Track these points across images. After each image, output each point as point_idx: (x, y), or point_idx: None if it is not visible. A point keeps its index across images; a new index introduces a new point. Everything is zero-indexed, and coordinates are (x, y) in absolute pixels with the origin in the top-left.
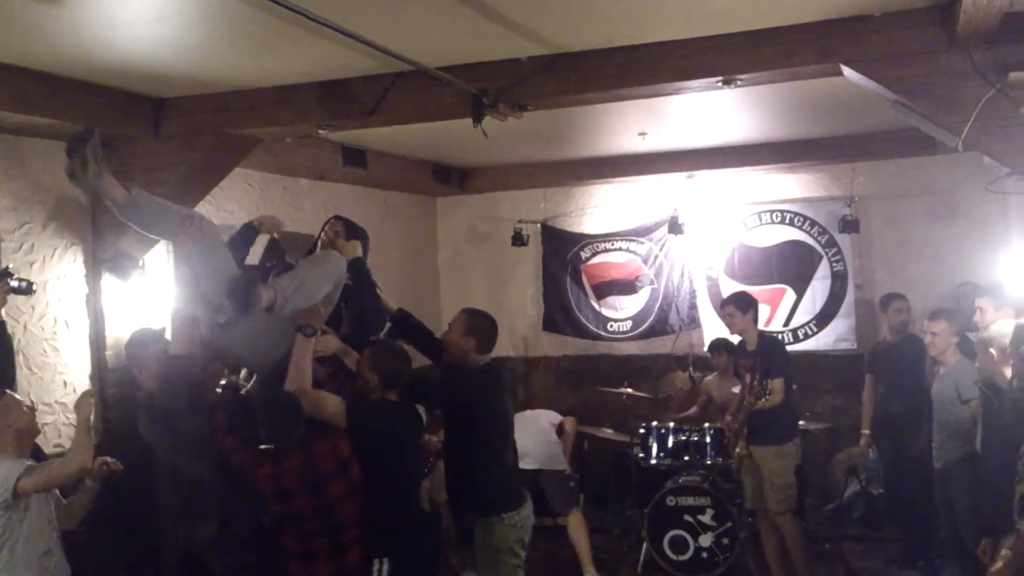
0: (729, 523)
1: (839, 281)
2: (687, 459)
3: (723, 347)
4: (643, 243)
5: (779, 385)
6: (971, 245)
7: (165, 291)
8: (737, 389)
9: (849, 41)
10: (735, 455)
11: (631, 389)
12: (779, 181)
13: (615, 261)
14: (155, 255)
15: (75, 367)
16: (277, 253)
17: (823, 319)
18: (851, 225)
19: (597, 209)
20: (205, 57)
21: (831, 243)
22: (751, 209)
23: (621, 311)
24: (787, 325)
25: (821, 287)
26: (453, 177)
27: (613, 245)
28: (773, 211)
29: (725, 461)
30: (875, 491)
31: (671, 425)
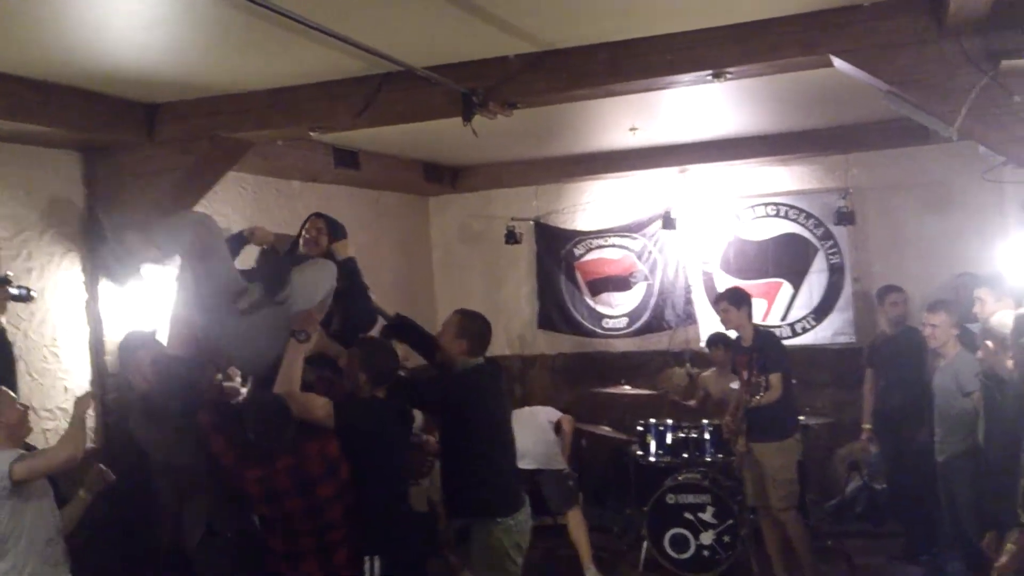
0: (730, 520)
1: (836, 274)
2: (686, 456)
3: (721, 341)
4: (637, 239)
5: (777, 380)
6: (967, 235)
7: (163, 296)
8: (735, 385)
9: (839, 32)
10: (736, 452)
11: (629, 387)
12: (773, 174)
13: (609, 257)
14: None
15: (75, 373)
16: (272, 262)
17: (821, 313)
18: (846, 217)
19: (590, 205)
20: (197, 62)
21: (827, 236)
22: (745, 202)
23: (616, 308)
24: (784, 319)
25: (818, 280)
26: (445, 176)
27: (607, 241)
28: (767, 204)
29: (725, 458)
30: (877, 486)
31: (669, 422)
